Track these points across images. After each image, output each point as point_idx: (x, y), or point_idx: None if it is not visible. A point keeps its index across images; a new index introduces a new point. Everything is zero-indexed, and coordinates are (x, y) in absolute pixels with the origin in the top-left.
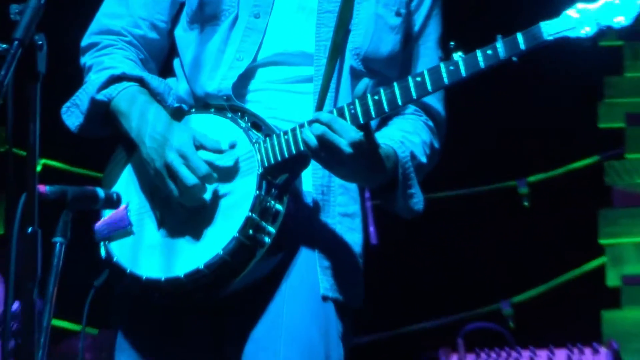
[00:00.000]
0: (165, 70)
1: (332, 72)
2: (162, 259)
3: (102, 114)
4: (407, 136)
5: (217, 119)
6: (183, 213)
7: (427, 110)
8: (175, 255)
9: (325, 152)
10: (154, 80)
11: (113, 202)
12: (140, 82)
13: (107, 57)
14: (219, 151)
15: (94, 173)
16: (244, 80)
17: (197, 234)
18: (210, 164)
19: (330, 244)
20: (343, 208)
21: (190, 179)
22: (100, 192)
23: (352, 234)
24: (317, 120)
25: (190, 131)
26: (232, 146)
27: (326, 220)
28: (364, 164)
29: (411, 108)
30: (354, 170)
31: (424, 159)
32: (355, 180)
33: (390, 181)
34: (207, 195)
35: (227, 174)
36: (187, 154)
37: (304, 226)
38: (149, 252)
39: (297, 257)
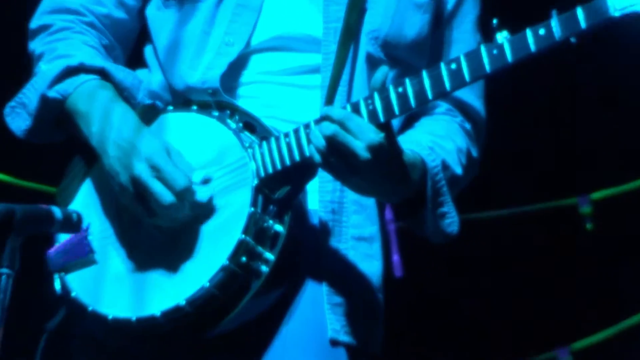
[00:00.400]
0: (135, 59)
1: (345, 60)
2: (133, 294)
3: (55, 115)
4: (438, 141)
5: (201, 119)
6: (157, 237)
7: (464, 109)
8: (149, 289)
9: (337, 158)
10: (120, 72)
11: (72, 223)
12: (103, 74)
13: (62, 43)
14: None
15: (47, 187)
16: (234, 71)
17: (176, 263)
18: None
19: (341, 276)
20: (358, 230)
21: (164, 195)
22: (57, 211)
23: (370, 263)
24: (326, 118)
25: (163, 139)
26: (206, 181)
27: (337, 246)
28: (384, 173)
29: (443, 106)
30: (371, 182)
31: (459, 170)
32: (372, 194)
33: (417, 196)
34: (187, 215)
35: (209, 187)
36: (159, 165)
37: (309, 253)
38: (116, 286)
39: (301, 292)
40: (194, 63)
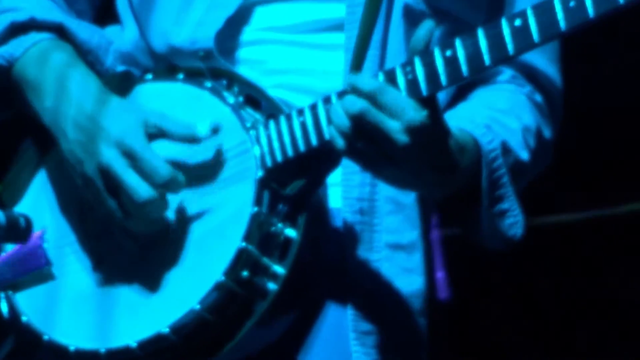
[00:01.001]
0: (105, 14)
1: (376, 14)
2: (101, 319)
3: (0, 86)
4: (498, 117)
5: (189, 90)
6: (133, 245)
7: (534, 76)
8: (122, 312)
9: (366, 143)
10: (83, 30)
11: (19, 230)
12: (60, 32)
13: None
14: (191, 139)
15: None
16: (232, 27)
17: (156, 279)
18: (175, 164)
19: (372, 295)
20: (393, 236)
21: (140, 189)
22: None
23: (409, 278)
24: (353, 90)
25: (140, 111)
26: (215, 130)
27: (366, 256)
28: (425, 160)
29: (507, 73)
30: (410, 172)
31: (524, 155)
32: (411, 187)
33: (469, 189)
34: (170, 215)
35: (205, 179)
36: (134, 149)
37: (330, 266)
38: (79, 308)
39: (320, 318)
40: (180, 17)
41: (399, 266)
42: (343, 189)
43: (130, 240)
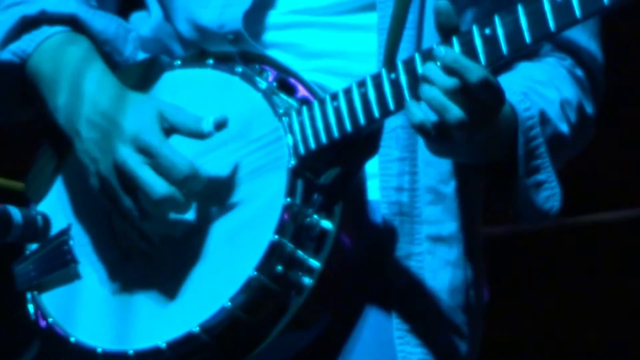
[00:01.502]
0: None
1: None
2: (126, 320)
3: (13, 83)
4: (536, 87)
5: (219, 76)
6: (148, 247)
7: (574, 51)
8: (148, 313)
9: (470, 103)
10: (98, 19)
11: (36, 228)
12: (74, 24)
13: None
14: (199, 135)
15: (10, 182)
16: (261, 9)
17: (182, 278)
18: (195, 159)
19: (414, 291)
20: (434, 227)
21: (157, 186)
22: (15, 212)
23: (451, 272)
24: (437, 56)
25: (156, 105)
26: (220, 125)
27: (408, 250)
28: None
29: (547, 46)
30: (479, 138)
31: (564, 127)
32: (464, 156)
33: (505, 158)
34: (191, 214)
35: (229, 172)
36: (150, 145)
37: (369, 260)
38: (106, 309)
39: (361, 317)
40: None
41: (442, 259)
42: (381, 178)
43: (145, 242)
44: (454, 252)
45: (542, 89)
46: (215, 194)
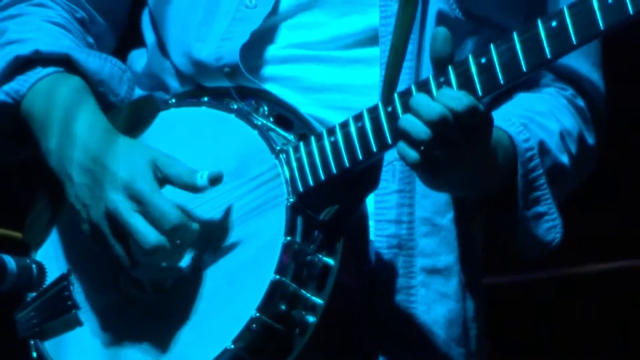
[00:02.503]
0: (133, 36)
1: (410, 24)
2: None
3: (7, 124)
4: (535, 118)
5: (215, 115)
6: (146, 291)
7: (575, 81)
8: (154, 358)
9: (444, 148)
10: (92, 59)
11: (31, 277)
12: (67, 63)
13: (14, 22)
14: (192, 188)
15: (7, 231)
16: (259, 45)
17: (183, 320)
18: (190, 202)
19: (404, 328)
20: (429, 260)
21: (149, 235)
22: (9, 261)
23: (446, 304)
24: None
25: (149, 153)
26: (214, 180)
27: (404, 282)
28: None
29: (548, 76)
30: (467, 171)
31: (564, 159)
32: (457, 183)
33: (504, 190)
34: (184, 262)
35: (227, 212)
36: (142, 193)
37: (363, 300)
38: (108, 357)
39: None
40: (202, 32)
41: (436, 292)
42: (376, 211)
43: (138, 289)
44: (451, 284)
45: (542, 120)
46: (213, 236)
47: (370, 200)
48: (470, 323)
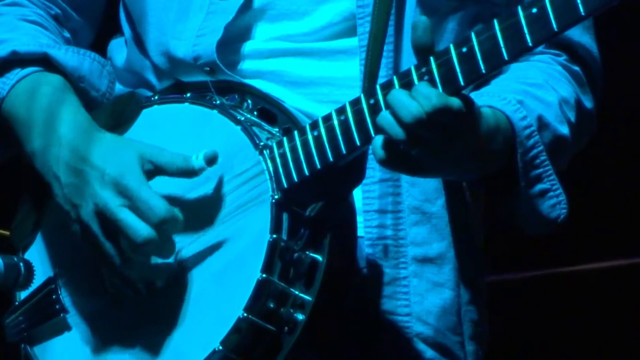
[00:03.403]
0: (113, 24)
1: (389, 8)
2: None
3: None
4: (532, 91)
5: (198, 110)
6: (139, 291)
7: (568, 46)
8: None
9: (436, 130)
10: (70, 56)
11: (18, 275)
12: (46, 61)
13: None
14: (189, 173)
15: None
16: (238, 38)
17: (171, 322)
18: (176, 200)
19: (397, 321)
20: (420, 249)
21: (139, 229)
22: None
23: (440, 293)
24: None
25: (135, 147)
26: (211, 160)
27: (393, 274)
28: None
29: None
30: (450, 164)
31: (564, 129)
32: (446, 173)
33: (506, 171)
34: (172, 258)
35: (212, 210)
36: (129, 188)
37: (354, 288)
38: (98, 359)
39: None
40: (177, 29)
41: (429, 281)
42: (363, 201)
43: (129, 289)
44: (444, 272)
45: (538, 92)
46: (199, 234)
47: (358, 192)
48: (465, 308)
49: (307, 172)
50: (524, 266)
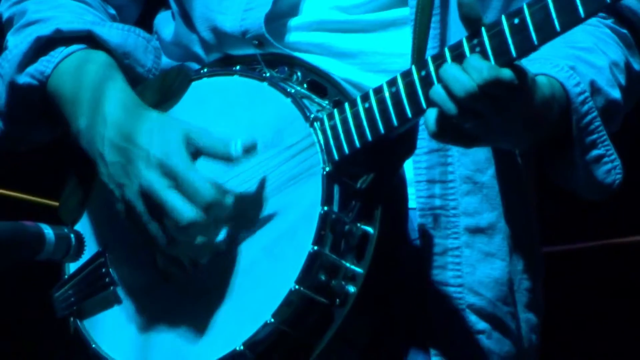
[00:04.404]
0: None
1: None
2: (170, 344)
3: (34, 106)
4: (583, 56)
5: (248, 83)
6: (185, 268)
7: (614, 8)
8: (191, 335)
9: (489, 103)
10: (115, 32)
11: (69, 246)
12: (90, 39)
13: (33, 2)
14: (227, 158)
15: (45, 201)
16: (287, 11)
17: (222, 296)
18: (225, 174)
19: (449, 293)
20: (472, 219)
21: (184, 211)
22: (48, 230)
23: (491, 264)
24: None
25: (181, 127)
26: (248, 149)
27: (444, 245)
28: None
29: None
30: (501, 135)
31: (616, 94)
32: (501, 143)
33: (561, 137)
34: (221, 236)
35: (262, 183)
36: (176, 169)
37: (408, 258)
38: (149, 333)
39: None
40: (223, 4)
41: (480, 251)
42: (415, 171)
43: (176, 267)
44: (494, 242)
45: (589, 57)
46: (249, 208)
47: (409, 163)
48: (520, 276)
49: (358, 144)
50: (576, 237)
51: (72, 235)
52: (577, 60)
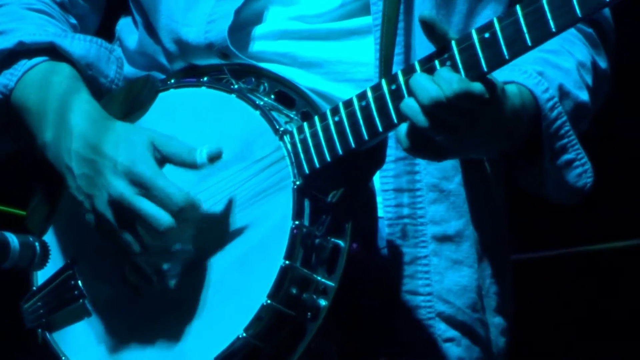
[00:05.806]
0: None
1: None
2: (146, 358)
3: (0, 118)
4: (549, 59)
5: (215, 95)
6: (152, 281)
7: None
8: (165, 348)
9: (459, 115)
10: (77, 44)
11: (34, 255)
12: (53, 51)
13: None
14: (192, 166)
15: (9, 209)
16: (251, 21)
17: (193, 310)
18: (193, 186)
19: (418, 302)
20: (439, 227)
21: (161, 217)
22: (12, 238)
23: (457, 271)
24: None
25: (146, 135)
26: (213, 158)
27: (413, 254)
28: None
29: None
30: (471, 147)
31: (584, 95)
32: (472, 154)
33: (530, 143)
34: (191, 245)
35: (231, 197)
36: (144, 177)
37: (375, 277)
38: (119, 347)
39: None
40: (187, 16)
41: (448, 259)
42: (381, 180)
43: (143, 281)
44: (462, 249)
45: (556, 59)
46: (218, 222)
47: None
48: (489, 281)
49: (328, 158)
50: (541, 245)
51: (36, 244)
52: (544, 63)
